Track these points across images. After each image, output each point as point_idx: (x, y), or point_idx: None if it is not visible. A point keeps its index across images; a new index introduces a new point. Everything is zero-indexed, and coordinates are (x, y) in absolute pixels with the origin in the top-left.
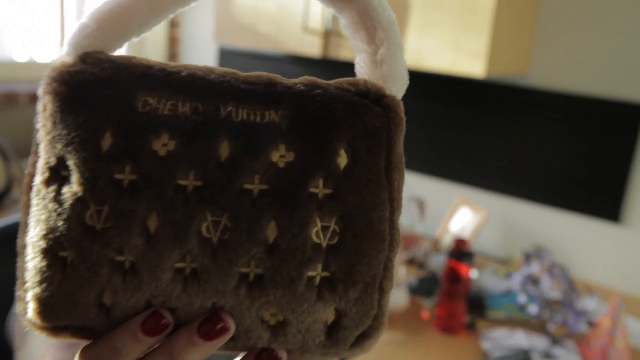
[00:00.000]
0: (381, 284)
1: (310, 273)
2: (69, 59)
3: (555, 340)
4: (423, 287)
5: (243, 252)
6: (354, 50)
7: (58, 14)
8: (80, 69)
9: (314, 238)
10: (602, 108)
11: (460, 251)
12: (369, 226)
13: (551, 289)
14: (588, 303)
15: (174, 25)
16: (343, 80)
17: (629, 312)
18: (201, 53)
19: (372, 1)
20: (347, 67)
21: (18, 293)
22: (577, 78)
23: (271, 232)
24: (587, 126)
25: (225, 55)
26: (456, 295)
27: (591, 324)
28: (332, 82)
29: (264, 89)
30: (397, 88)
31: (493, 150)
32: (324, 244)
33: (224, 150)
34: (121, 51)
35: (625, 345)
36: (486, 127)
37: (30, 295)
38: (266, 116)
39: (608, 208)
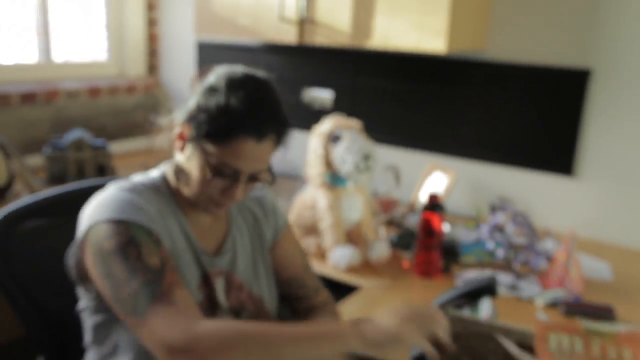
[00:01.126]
0: None
1: None
2: None
3: (519, 276)
4: (402, 242)
5: None
6: None
7: (42, 15)
8: None
9: None
10: (553, 75)
11: (433, 204)
12: None
13: (515, 234)
14: (547, 244)
15: (152, 23)
16: None
17: (581, 250)
18: (180, 48)
19: None
20: (323, 53)
21: None
22: (532, 50)
23: None
24: (541, 93)
25: (204, 49)
26: (431, 245)
27: (549, 260)
28: None
29: None
30: None
31: (459, 119)
32: None
33: None
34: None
35: (578, 274)
36: (451, 100)
37: None
38: None
39: (562, 163)
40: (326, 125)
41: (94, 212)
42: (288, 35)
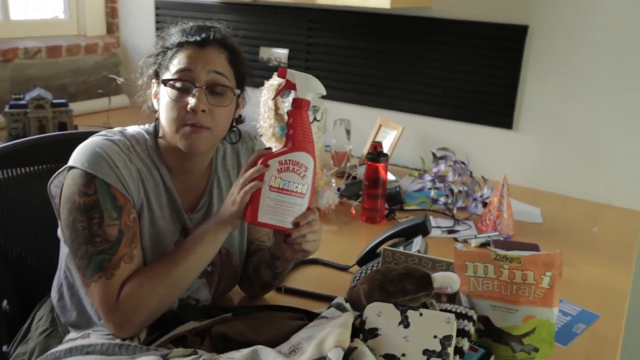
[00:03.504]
0: None
1: None
2: None
3: (457, 221)
4: (350, 190)
5: None
6: None
7: None
8: None
9: None
10: (494, 31)
11: (376, 152)
12: None
13: (455, 182)
14: (484, 192)
15: None
16: None
17: (517, 198)
18: (140, 6)
19: None
20: (278, 11)
21: None
22: (474, 7)
23: None
24: (482, 48)
25: (162, 6)
26: (376, 194)
27: (485, 205)
28: None
29: None
30: None
31: (406, 75)
32: None
33: None
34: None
35: (510, 217)
36: (399, 56)
37: None
38: None
39: (502, 117)
40: (275, 79)
41: (78, 153)
42: None
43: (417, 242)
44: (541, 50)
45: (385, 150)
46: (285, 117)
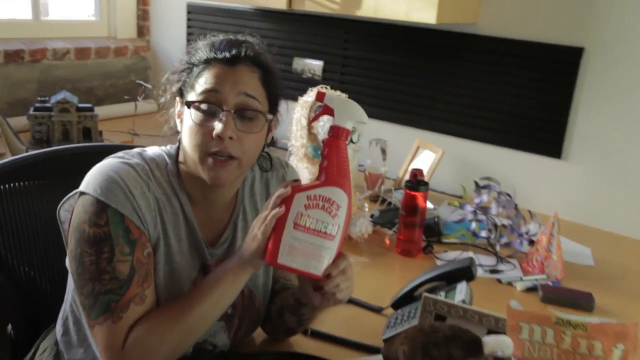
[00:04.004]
0: None
1: None
2: None
3: (500, 259)
4: (385, 218)
5: None
6: None
7: None
8: None
9: None
10: (546, 52)
11: (416, 180)
12: None
13: (498, 215)
14: (530, 227)
15: None
16: None
17: (565, 235)
18: (171, 10)
19: None
20: (314, 21)
21: None
22: (524, 25)
23: None
24: (532, 70)
25: (194, 10)
26: (413, 223)
27: (532, 243)
28: None
29: None
30: None
31: (448, 95)
32: None
33: None
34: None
35: (559, 259)
36: (441, 74)
37: None
38: None
39: (550, 144)
40: (310, 95)
41: (91, 177)
42: (278, 0)
43: (462, 290)
44: (597, 75)
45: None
46: (320, 136)
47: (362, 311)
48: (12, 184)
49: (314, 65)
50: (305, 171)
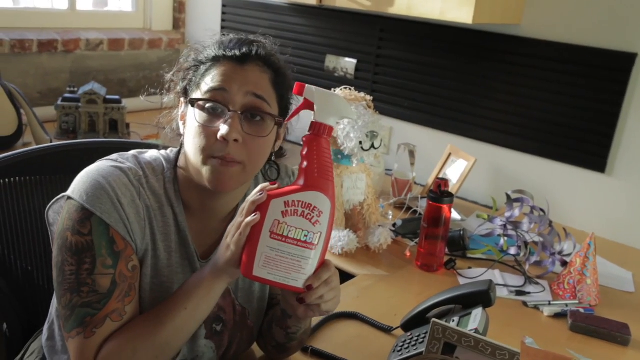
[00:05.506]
0: None
1: None
2: None
3: (529, 279)
4: (408, 228)
5: None
6: None
7: None
8: None
9: None
10: (594, 57)
11: (440, 191)
12: None
13: (530, 231)
14: (565, 246)
15: None
16: None
17: (605, 256)
18: (207, 1)
19: None
20: (347, 17)
21: None
22: (570, 28)
23: None
24: (578, 76)
25: (229, 4)
26: (437, 235)
27: (565, 264)
28: None
29: None
30: None
31: (485, 99)
32: None
33: None
34: None
35: (594, 283)
36: (479, 77)
37: None
38: None
39: (594, 157)
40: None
41: (78, 182)
42: None
43: (477, 317)
44: None
45: (454, 182)
46: (340, 140)
47: (370, 330)
48: (11, 179)
49: (347, 63)
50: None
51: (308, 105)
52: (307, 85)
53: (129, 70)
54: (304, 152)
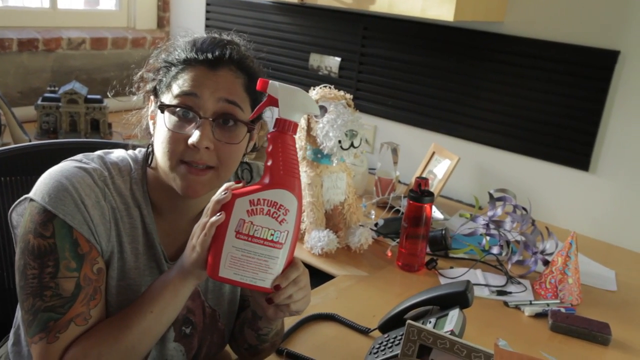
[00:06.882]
0: None
1: None
2: None
3: (510, 279)
4: (389, 228)
5: None
6: None
7: None
8: None
9: None
10: (577, 55)
11: (420, 190)
12: None
13: (512, 230)
14: (547, 245)
15: None
16: None
17: (588, 254)
18: (192, 1)
19: None
20: (330, 15)
21: None
22: (554, 26)
23: None
24: (561, 74)
25: (213, 2)
26: (417, 235)
27: (547, 263)
28: None
29: None
30: None
31: (468, 98)
32: None
33: None
34: None
35: (576, 281)
36: (462, 75)
37: None
38: None
39: (577, 155)
40: (313, 94)
41: (41, 183)
42: None
43: (453, 318)
44: (634, 82)
45: (437, 179)
46: (319, 139)
47: (347, 331)
48: None
49: (331, 61)
50: (303, 175)
51: (272, 101)
52: (270, 81)
53: (112, 69)
54: (269, 150)
